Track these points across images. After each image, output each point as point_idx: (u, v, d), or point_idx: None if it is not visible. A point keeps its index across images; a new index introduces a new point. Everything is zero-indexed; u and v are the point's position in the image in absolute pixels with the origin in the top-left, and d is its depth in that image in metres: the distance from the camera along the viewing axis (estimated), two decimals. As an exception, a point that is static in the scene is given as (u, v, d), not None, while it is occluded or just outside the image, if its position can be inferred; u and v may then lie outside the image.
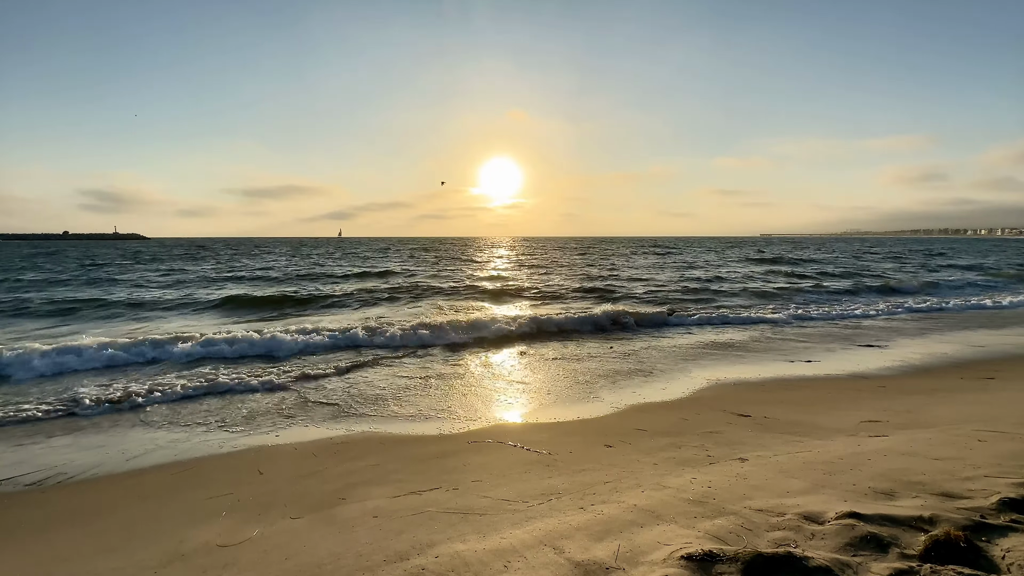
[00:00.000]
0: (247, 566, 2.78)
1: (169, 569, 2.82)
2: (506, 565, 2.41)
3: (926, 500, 2.76)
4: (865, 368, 7.79)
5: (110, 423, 5.62)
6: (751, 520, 2.63)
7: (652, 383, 7.13)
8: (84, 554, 3.06)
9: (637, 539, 2.52)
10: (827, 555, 2.19)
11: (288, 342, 9.34)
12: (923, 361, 8.21)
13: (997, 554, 2.19)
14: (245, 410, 6.03)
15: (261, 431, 5.35)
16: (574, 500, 3.28)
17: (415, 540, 2.83)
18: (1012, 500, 2.62)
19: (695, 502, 2.97)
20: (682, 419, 5.42)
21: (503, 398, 6.58)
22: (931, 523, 2.44)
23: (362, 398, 6.46)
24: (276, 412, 5.95)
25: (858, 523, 2.43)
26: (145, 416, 5.82)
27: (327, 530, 3.13)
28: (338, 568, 2.62)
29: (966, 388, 6.47)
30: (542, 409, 6.04)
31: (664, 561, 2.25)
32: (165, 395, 6.47)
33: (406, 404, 6.24)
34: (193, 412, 5.97)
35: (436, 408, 6.08)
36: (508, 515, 3.11)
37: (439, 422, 5.56)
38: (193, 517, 3.47)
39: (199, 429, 5.40)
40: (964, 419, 4.85)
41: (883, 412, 5.35)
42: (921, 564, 2.12)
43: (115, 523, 3.43)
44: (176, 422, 5.62)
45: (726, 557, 2.20)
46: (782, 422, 5.11)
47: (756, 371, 7.70)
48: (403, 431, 5.30)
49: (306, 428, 5.44)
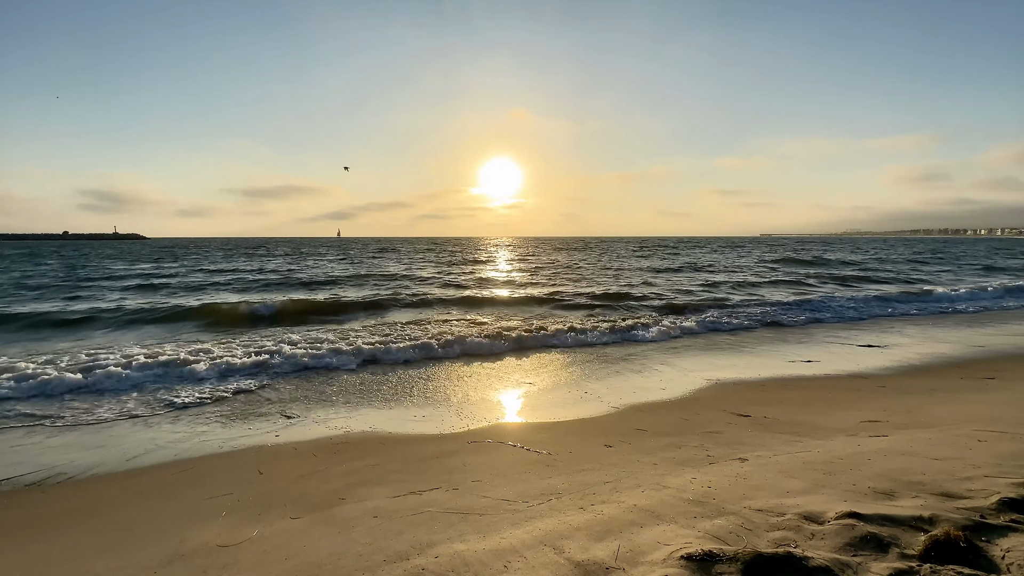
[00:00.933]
0: (247, 566, 2.78)
1: (169, 569, 2.82)
2: (506, 565, 2.41)
3: (926, 500, 2.76)
4: (865, 368, 7.79)
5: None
6: (751, 520, 2.63)
7: (652, 383, 7.13)
8: (84, 554, 3.06)
9: (637, 539, 2.53)
10: (827, 555, 2.19)
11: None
12: (922, 361, 8.21)
13: (997, 554, 2.19)
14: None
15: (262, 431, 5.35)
16: (574, 500, 3.28)
17: (415, 540, 2.83)
18: (1012, 500, 2.62)
19: (695, 502, 2.97)
20: (682, 419, 5.42)
21: (502, 398, 6.58)
22: (931, 523, 2.44)
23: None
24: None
25: (858, 523, 2.43)
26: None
27: (327, 530, 3.13)
28: (338, 568, 2.62)
29: (966, 388, 6.47)
30: (541, 409, 6.04)
31: (664, 561, 2.25)
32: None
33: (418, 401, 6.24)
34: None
35: (436, 409, 6.08)
36: (508, 515, 3.11)
37: (439, 422, 5.57)
38: (193, 517, 3.47)
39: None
40: (964, 419, 4.85)
41: (883, 412, 5.35)
42: (921, 564, 2.12)
43: (115, 523, 3.43)
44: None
45: (726, 557, 2.20)
46: (782, 422, 5.11)
47: (756, 372, 7.70)
48: (403, 431, 5.30)
49: (307, 428, 5.44)
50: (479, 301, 16.14)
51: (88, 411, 5.95)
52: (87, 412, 5.92)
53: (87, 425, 5.54)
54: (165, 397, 6.45)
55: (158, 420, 5.71)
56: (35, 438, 5.18)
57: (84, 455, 4.73)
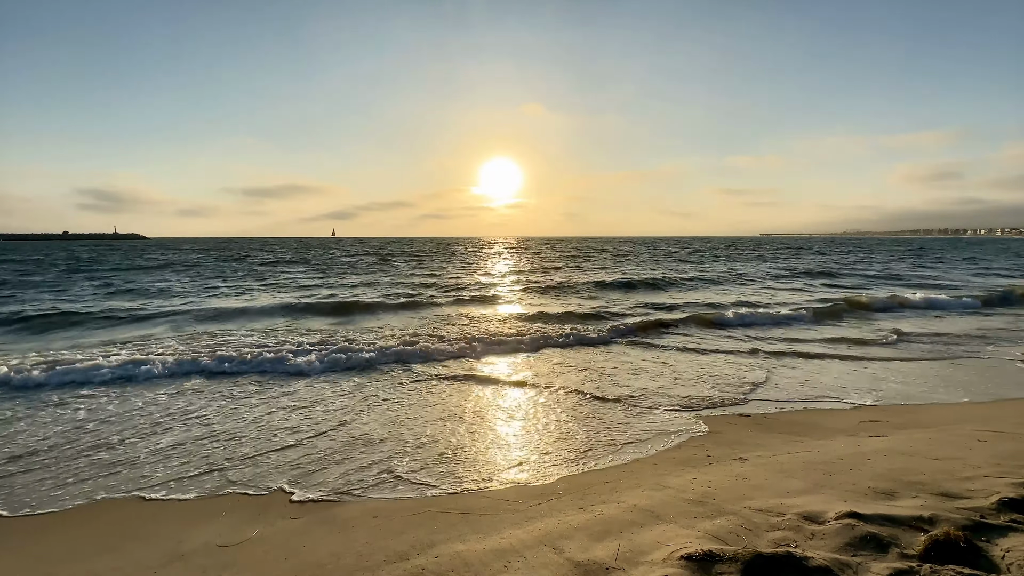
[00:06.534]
0: (247, 566, 2.78)
1: (169, 569, 2.82)
2: (506, 565, 2.41)
3: (926, 500, 2.76)
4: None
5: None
6: (751, 520, 2.63)
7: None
8: (84, 554, 3.06)
9: (637, 539, 2.53)
10: (827, 555, 2.19)
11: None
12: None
13: (997, 554, 2.19)
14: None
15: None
16: (574, 500, 3.28)
17: (415, 540, 2.83)
18: (1012, 500, 2.62)
19: (695, 502, 2.97)
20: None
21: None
22: (931, 523, 2.44)
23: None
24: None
25: (858, 523, 2.43)
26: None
27: (327, 530, 3.13)
28: (338, 568, 2.63)
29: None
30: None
31: (664, 561, 2.25)
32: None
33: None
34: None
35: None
36: (508, 515, 3.11)
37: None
38: (193, 517, 3.47)
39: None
40: (964, 419, 4.86)
41: (883, 412, 5.35)
42: (921, 564, 2.12)
43: (115, 523, 3.43)
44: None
45: (726, 557, 2.20)
46: (782, 422, 5.11)
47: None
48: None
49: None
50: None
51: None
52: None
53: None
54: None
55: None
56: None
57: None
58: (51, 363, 7.10)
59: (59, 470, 4.14)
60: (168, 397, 6.06)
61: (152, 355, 7.68)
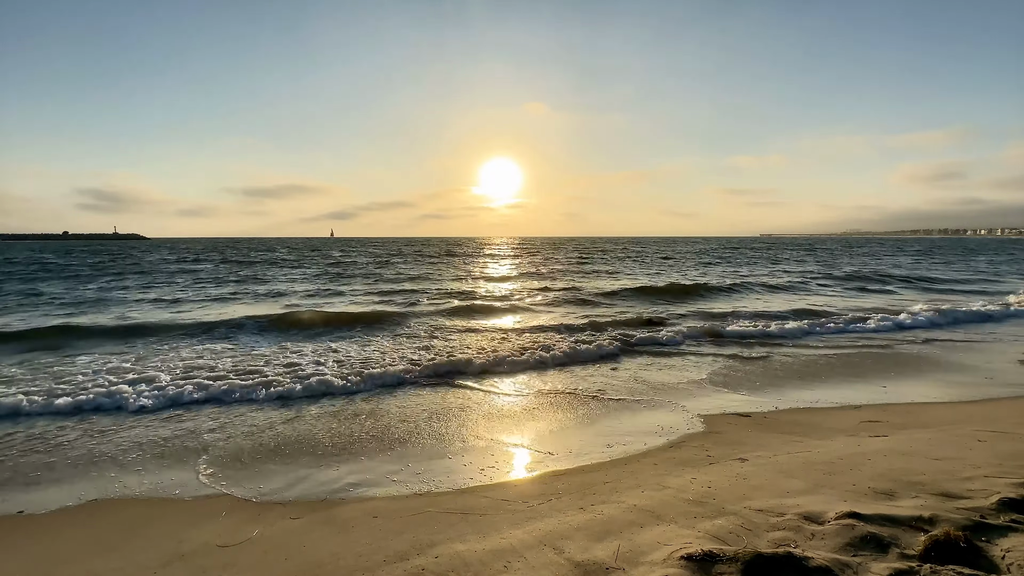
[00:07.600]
0: (247, 566, 2.78)
1: (169, 569, 2.82)
2: (506, 565, 2.41)
3: (926, 500, 2.76)
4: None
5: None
6: (751, 520, 2.63)
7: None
8: (84, 554, 3.06)
9: (637, 539, 2.53)
10: (827, 555, 2.19)
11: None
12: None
13: (997, 554, 2.19)
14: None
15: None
16: (574, 500, 3.28)
17: (415, 540, 2.83)
18: (1012, 500, 2.62)
19: (695, 502, 2.97)
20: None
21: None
22: (931, 523, 2.44)
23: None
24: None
25: (858, 523, 2.43)
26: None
27: (327, 530, 3.13)
28: (338, 568, 2.63)
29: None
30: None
31: (664, 561, 2.25)
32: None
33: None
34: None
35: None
36: (508, 515, 3.11)
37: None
38: (193, 517, 3.47)
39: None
40: (964, 419, 4.86)
41: (883, 412, 5.35)
42: (921, 564, 2.12)
43: (115, 523, 3.43)
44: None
45: (726, 557, 2.20)
46: (782, 422, 5.11)
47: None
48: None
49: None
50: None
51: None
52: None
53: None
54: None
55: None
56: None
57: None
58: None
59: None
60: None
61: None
